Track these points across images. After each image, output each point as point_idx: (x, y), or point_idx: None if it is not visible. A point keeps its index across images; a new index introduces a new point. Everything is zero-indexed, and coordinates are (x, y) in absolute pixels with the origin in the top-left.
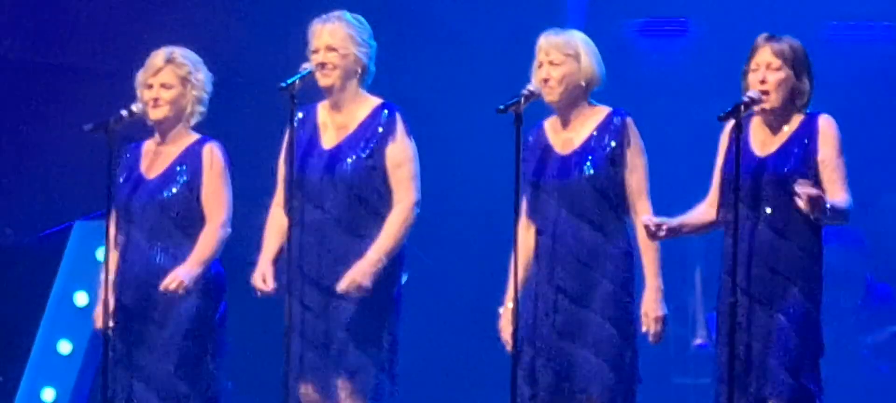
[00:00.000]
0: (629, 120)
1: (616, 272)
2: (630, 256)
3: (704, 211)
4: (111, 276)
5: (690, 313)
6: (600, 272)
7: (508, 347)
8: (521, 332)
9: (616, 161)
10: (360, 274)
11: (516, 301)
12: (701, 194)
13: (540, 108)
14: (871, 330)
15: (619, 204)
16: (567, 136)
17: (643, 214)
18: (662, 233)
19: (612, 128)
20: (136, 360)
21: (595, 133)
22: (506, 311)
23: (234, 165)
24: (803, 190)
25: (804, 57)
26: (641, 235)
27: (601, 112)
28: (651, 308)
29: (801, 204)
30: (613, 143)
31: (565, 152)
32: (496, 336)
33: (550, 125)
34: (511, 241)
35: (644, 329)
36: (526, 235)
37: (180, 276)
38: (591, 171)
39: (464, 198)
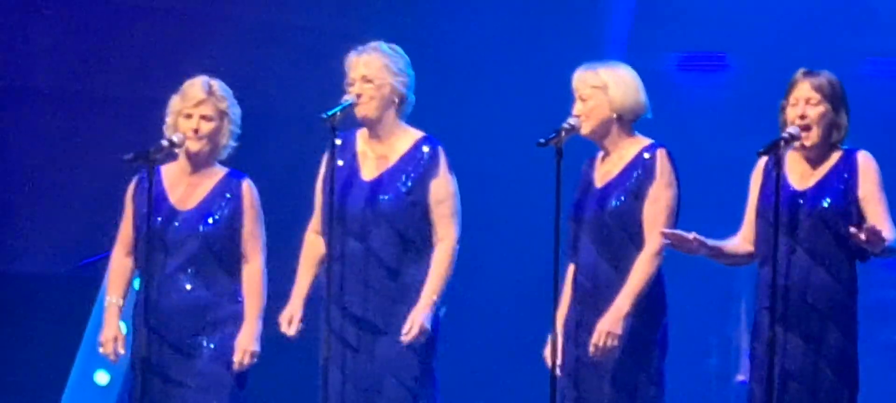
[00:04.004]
0: (661, 152)
1: (637, 308)
2: (653, 290)
3: (739, 243)
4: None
5: (734, 347)
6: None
7: (557, 371)
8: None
9: (640, 194)
10: (421, 318)
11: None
12: (738, 227)
13: (582, 142)
14: None
15: (640, 238)
16: (606, 170)
17: (651, 244)
18: (690, 238)
19: (643, 161)
20: (172, 393)
21: (629, 166)
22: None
23: (269, 196)
24: (859, 229)
25: (842, 92)
26: (638, 259)
27: (639, 144)
28: (604, 322)
29: (862, 236)
30: (640, 177)
31: (601, 185)
32: (534, 369)
33: (598, 157)
34: (550, 274)
35: (592, 341)
36: (568, 274)
37: (247, 348)
38: (617, 205)
39: (503, 232)
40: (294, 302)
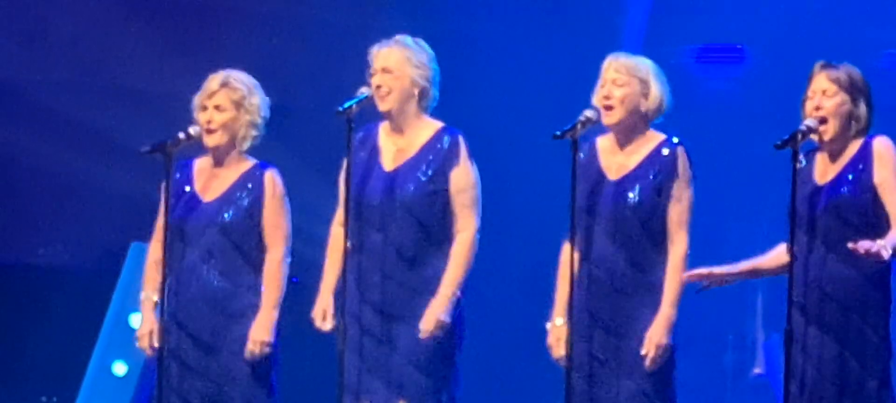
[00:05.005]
0: (680, 149)
1: (655, 303)
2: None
3: (785, 251)
4: (158, 295)
5: (750, 341)
6: (639, 302)
7: (562, 363)
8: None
9: (662, 191)
10: (439, 312)
11: (566, 317)
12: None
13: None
14: None
15: (661, 235)
16: (621, 161)
17: (679, 246)
18: (721, 272)
19: (662, 157)
20: (191, 384)
21: (646, 161)
22: (554, 328)
23: (293, 187)
24: (857, 246)
25: (861, 83)
26: (670, 264)
27: (655, 138)
28: (655, 333)
29: (861, 252)
30: (661, 173)
31: (616, 178)
32: (549, 361)
33: (604, 145)
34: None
35: (643, 352)
36: (564, 256)
37: (261, 339)
38: (637, 200)
39: (518, 224)
40: (323, 296)
